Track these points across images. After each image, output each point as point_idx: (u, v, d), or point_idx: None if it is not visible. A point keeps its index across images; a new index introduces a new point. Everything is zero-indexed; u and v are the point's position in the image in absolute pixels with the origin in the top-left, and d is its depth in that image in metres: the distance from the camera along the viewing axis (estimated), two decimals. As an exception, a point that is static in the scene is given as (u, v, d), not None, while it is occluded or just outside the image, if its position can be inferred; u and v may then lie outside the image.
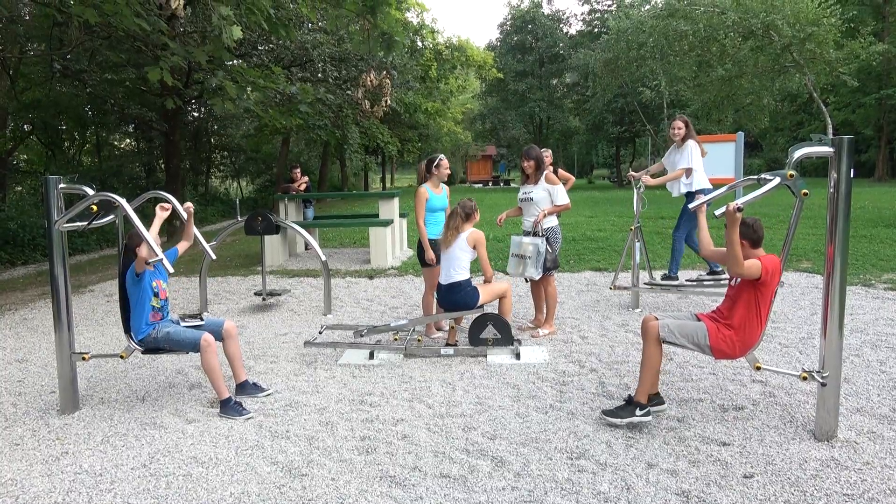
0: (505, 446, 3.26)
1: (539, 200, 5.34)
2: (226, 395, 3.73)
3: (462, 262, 4.79)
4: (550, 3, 62.75)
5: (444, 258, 4.86)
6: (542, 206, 5.33)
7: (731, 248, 3.17)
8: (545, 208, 5.31)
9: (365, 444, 3.32)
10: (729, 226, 3.16)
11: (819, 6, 15.91)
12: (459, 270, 4.79)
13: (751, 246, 3.36)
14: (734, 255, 3.18)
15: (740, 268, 3.20)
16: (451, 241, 4.82)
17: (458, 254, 4.79)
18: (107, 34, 10.87)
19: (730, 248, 3.18)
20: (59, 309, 3.85)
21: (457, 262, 4.79)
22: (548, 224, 5.37)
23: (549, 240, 5.31)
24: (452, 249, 4.80)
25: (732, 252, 3.17)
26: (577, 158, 68.49)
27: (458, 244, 4.80)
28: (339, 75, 12.64)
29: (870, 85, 27.39)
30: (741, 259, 3.19)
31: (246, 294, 7.69)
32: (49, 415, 3.90)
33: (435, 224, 5.36)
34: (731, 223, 3.15)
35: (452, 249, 4.80)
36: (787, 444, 3.25)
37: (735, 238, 3.16)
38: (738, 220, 3.17)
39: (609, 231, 12.49)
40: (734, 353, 3.38)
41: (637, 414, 3.36)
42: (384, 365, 4.70)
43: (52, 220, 3.77)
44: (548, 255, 5.25)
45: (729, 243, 3.18)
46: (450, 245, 4.81)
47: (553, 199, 5.34)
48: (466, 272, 4.82)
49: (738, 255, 3.18)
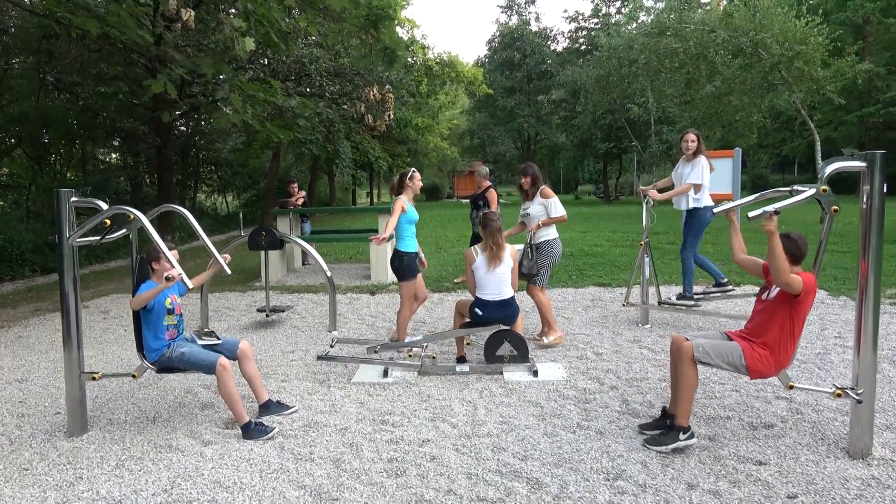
0: (538, 467, 3.17)
1: (535, 215, 5.53)
2: (245, 420, 3.60)
3: (509, 277, 4.82)
4: (538, 20, 63.35)
5: (489, 274, 4.78)
6: (539, 220, 5.51)
7: (774, 258, 3.10)
8: (539, 220, 5.49)
9: (394, 466, 3.22)
10: (768, 234, 3.10)
11: (806, 25, 16.18)
12: (508, 285, 4.82)
13: (791, 262, 3.29)
14: (778, 266, 3.10)
15: (785, 276, 3.12)
16: (500, 256, 4.79)
17: (505, 269, 4.80)
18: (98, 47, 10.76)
19: (772, 258, 3.11)
20: (69, 326, 3.71)
21: (506, 278, 4.81)
22: (543, 237, 5.50)
23: (541, 251, 5.47)
24: (502, 265, 4.78)
25: (775, 262, 3.10)
26: (563, 174, 68.98)
27: (505, 260, 4.80)
28: (336, 90, 12.59)
29: (851, 103, 27.85)
30: (786, 267, 3.12)
31: (246, 310, 7.55)
32: (56, 437, 3.74)
33: (411, 237, 5.27)
34: (771, 231, 3.09)
35: (502, 265, 4.78)
36: (824, 462, 3.20)
37: (778, 247, 3.10)
38: (774, 225, 3.10)
39: (606, 246, 12.50)
40: (770, 373, 3.33)
41: (681, 438, 3.28)
42: (399, 383, 4.59)
43: (64, 235, 3.64)
44: (524, 263, 5.38)
45: (771, 252, 3.12)
46: (501, 261, 4.79)
47: (548, 213, 5.50)
48: (510, 287, 4.85)
49: (781, 264, 3.10)
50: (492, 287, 4.78)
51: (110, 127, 15.49)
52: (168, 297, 3.76)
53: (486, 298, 4.79)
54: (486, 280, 4.79)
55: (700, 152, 6.15)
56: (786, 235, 3.32)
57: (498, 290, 4.78)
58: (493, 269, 4.77)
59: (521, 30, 43.07)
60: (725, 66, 17.24)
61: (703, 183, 6.07)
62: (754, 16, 16.42)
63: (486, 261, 4.81)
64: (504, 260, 4.80)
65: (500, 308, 4.78)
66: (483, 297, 4.81)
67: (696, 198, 6.12)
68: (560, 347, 5.50)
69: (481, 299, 4.82)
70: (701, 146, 6.19)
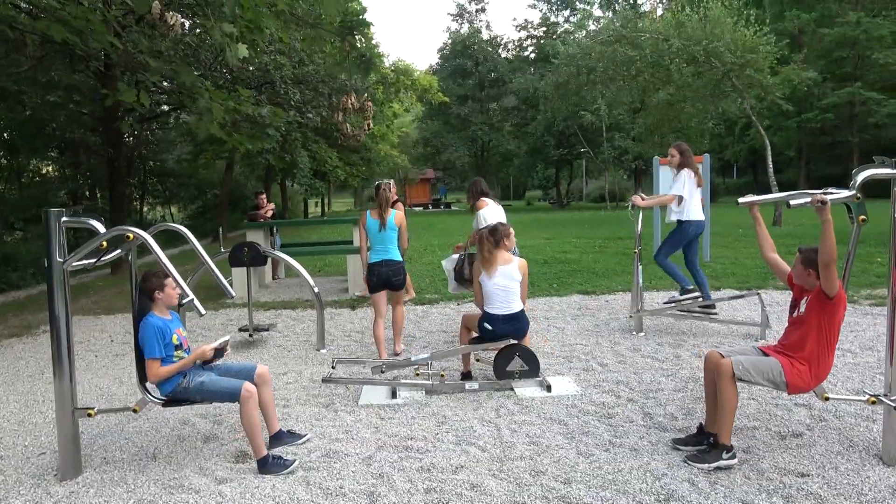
0: (585, 491, 3.04)
1: (475, 227, 5.85)
2: (264, 453, 3.33)
3: (517, 290, 4.64)
4: (489, 28, 63.94)
5: (493, 286, 4.62)
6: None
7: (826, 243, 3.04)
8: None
9: (434, 497, 3.02)
10: (824, 222, 3.05)
11: (755, 34, 16.79)
12: (516, 299, 4.65)
13: (817, 276, 3.27)
14: (829, 249, 3.05)
15: (834, 262, 3.07)
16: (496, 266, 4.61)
17: (509, 283, 4.62)
18: (41, 53, 10.16)
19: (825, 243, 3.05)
20: (61, 356, 3.38)
21: (512, 291, 4.63)
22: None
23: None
24: (503, 278, 4.60)
25: (826, 245, 3.04)
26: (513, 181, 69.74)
27: (507, 272, 4.60)
28: (299, 98, 12.26)
29: (791, 109, 29.15)
30: (834, 249, 3.06)
31: (222, 330, 7.18)
32: (47, 481, 3.39)
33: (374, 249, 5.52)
34: (826, 219, 3.04)
35: (503, 278, 4.60)
36: (863, 471, 3.18)
37: (831, 234, 3.04)
38: (827, 212, 3.04)
39: (576, 253, 12.55)
40: (809, 387, 3.29)
41: (724, 457, 3.21)
42: (410, 404, 4.39)
43: (54, 258, 3.32)
44: (454, 270, 5.86)
45: (824, 238, 3.05)
46: (493, 265, 4.61)
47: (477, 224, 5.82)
48: (520, 300, 4.68)
49: (833, 250, 3.05)
50: (500, 301, 4.63)
51: (59, 138, 14.66)
52: (174, 332, 3.47)
53: (494, 312, 4.64)
54: (493, 294, 4.64)
55: (685, 165, 6.15)
56: (815, 250, 3.29)
57: (506, 303, 4.64)
58: (492, 278, 4.61)
59: (472, 38, 43.33)
60: (679, 73, 17.71)
61: (685, 196, 6.07)
62: (705, 25, 16.94)
63: (482, 267, 4.67)
64: (506, 271, 4.63)
65: (508, 322, 4.64)
66: (491, 311, 4.65)
67: (677, 210, 6.12)
68: (563, 359, 5.40)
69: (490, 313, 4.66)
70: (685, 159, 6.17)
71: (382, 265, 5.43)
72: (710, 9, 17.09)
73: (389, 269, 5.44)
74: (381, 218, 5.47)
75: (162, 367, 3.39)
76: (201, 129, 5.69)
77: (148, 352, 3.37)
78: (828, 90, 30.85)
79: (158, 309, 3.52)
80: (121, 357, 6.06)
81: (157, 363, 3.39)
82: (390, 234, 5.49)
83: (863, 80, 31.04)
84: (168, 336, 3.44)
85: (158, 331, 3.40)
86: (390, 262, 5.45)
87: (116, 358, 6.05)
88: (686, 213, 6.09)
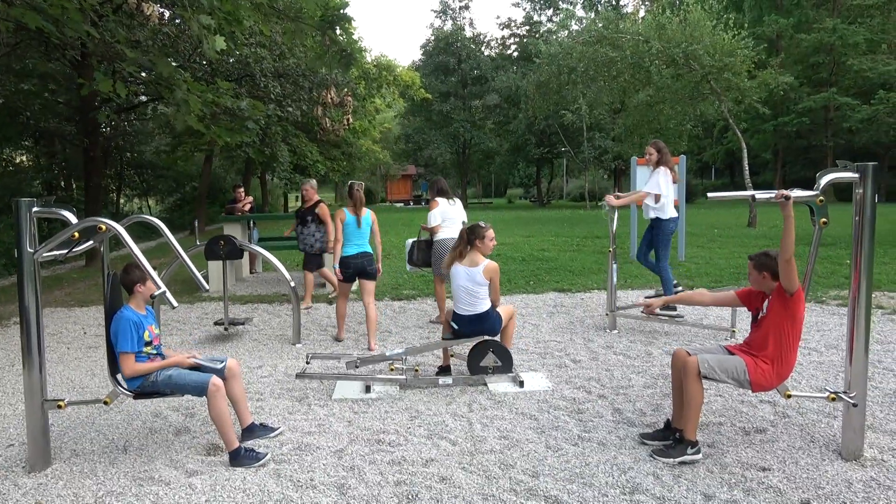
0: (552, 484, 3.09)
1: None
2: (235, 445, 3.34)
3: (479, 291, 4.56)
4: (472, 25, 63.89)
5: (456, 286, 4.63)
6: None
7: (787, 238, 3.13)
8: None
9: (403, 490, 3.06)
10: (784, 215, 3.14)
11: (734, 38, 17.02)
12: (482, 300, 4.58)
13: (772, 278, 3.37)
14: (788, 244, 3.13)
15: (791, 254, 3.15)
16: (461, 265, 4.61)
17: (468, 284, 4.55)
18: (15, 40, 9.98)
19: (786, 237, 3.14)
20: (31, 347, 3.35)
21: (475, 293, 4.56)
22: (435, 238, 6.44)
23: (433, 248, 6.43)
24: (466, 280, 4.56)
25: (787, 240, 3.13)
26: (495, 179, 69.93)
27: (471, 275, 4.55)
28: (279, 92, 12.17)
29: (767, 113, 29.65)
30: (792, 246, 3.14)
31: (198, 323, 7.14)
32: (15, 473, 3.37)
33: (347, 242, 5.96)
34: (786, 210, 3.13)
35: (466, 280, 4.56)
36: (822, 465, 3.28)
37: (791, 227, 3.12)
38: (790, 208, 3.14)
39: (553, 251, 12.65)
40: (771, 385, 3.38)
41: (689, 452, 3.29)
42: (384, 398, 4.42)
43: (25, 248, 3.29)
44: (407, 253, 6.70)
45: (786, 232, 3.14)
46: (459, 271, 4.60)
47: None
48: (487, 300, 4.62)
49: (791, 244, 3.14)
50: (464, 302, 4.61)
51: (33, 127, 14.39)
52: (145, 329, 3.45)
53: (459, 313, 4.66)
54: (457, 294, 4.64)
55: (662, 163, 6.26)
56: (765, 254, 3.41)
57: (471, 305, 4.58)
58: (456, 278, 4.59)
59: (455, 35, 43.30)
60: (658, 75, 17.90)
61: (661, 192, 6.18)
62: (685, 28, 17.13)
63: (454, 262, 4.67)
64: (470, 274, 4.54)
65: (473, 323, 4.61)
66: (457, 311, 4.68)
67: (655, 207, 6.24)
68: (537, 355, 5.47)
69: (456, 313, 4.69)
70: (662, 157, 6.29)
71: (359, 257, 5.92)
72: (689, 12, 17.31)
73: (365, 260, 5.95)
74: (356, 215, 5.93)
75: (139, 364, 3.38)
76: (179, 121, 5.64)
77: (121, 345, 3.35)
78: (804, 95, 31.40)
79: (136, 302, 3.50)
80: (94, 349, 6.01)
81: (132, 357, 3.37)
82: (365, 229, 6.00)
83: (838, 85, 31.66)
84: (141, 331, 3.42)
85: (133, 325, 3.39)
86: (366, 255, 5.98)
87: (89, 350, 6.00)
88: (664, 210, 6.21)
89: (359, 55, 23.67)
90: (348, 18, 7.62)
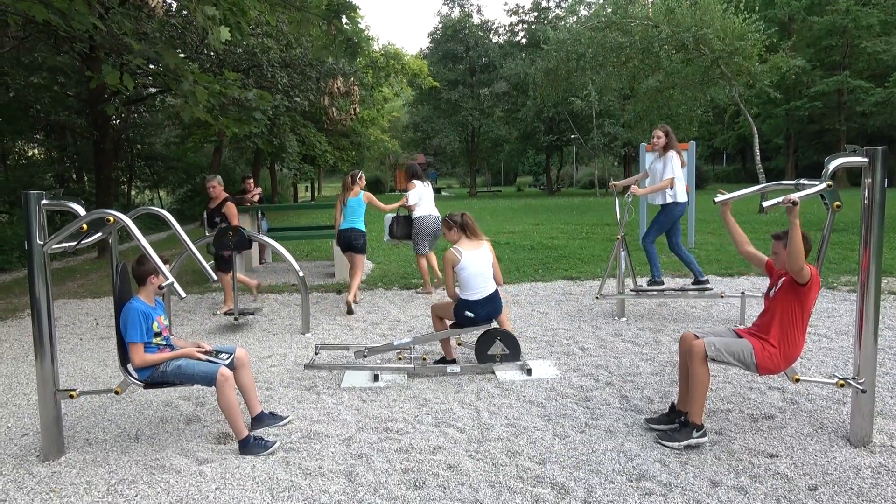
0: (559, 471, 3.11)
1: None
2: (245, 434, 3.38)
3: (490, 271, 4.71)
4: (480, 12, 63.42)
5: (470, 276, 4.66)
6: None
7: (794, 244, 3.12)
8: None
9: (411, 477, 3.08)
10: (791, 222, 3.13)
11: (744, 21, 16.81)
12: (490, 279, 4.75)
13: None
14: (796, 251, 3.12)
15: (801, 261, 3.14)
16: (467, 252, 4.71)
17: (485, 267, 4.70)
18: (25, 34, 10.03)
19: (792, 244, 3.13)
20: (42, 338, 3.39)
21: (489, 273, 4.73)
22: (413, 214, 7.64)
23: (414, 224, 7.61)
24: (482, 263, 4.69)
25: (794, 247, 3.12)
26: (504, 166, 69.74)
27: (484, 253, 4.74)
28: (286, 82, 12.18)
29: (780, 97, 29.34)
30: (803, 254, 3.14)
31: (207, 313, 7.20)
32: (30, 462, 3.42)
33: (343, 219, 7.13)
34: (793, 217, 3.12)
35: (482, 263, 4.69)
36: (830, 451, 3.27)
37: (798, 235, 3.12)
38: (796, 213, 3.13)
39: (562, 239, 12.63)
40: (779, 369, 3.37)
41: (694, 436, 3.29)
42: (392, 387, 4.45)
43: (34, 240, 3.32)
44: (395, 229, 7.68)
45: (792, 239, 3.13)
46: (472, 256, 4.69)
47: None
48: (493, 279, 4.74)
49: (800, 251, 3.13)
50: (478, 286, 4.63)
51: (44, 120, 14.48)
52: (154, 320, 3.48)
53: (474, 298, 4.65)
54: (471, 280, 4.64)
55: (670, 147, 6.22)
56: (785, 231, 3.38)
57: (483, 285, 4.64)
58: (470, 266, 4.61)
59: (463, 22, 43.04)
60: (668, 60, 17.73)
61: (676, 177, 6.16)
62: (695, 12, 16.93)
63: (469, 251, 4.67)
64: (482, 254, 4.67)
65: (488, 304, 4.66)
66: (471, 297, 4.66)
67: (671, 193, 6.20)
68: (545, 343, 5.47)
69: (469, 300, 4.66)
70: (671, 141, 6.26)
71: (348, 231, 7.05)
72: (699, -4, 17.11)
73: (352, 235, 7.04)
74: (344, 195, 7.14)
75: (148, 355, 3.42)
76: (186, 112, 5.66)
77: (130, 335, 3.39)
78: (816, 78, 31.02)
79: (146, 293, 3.53)
80: (106, 340, 6.08)
81: (141, 347, 3.41)
82: (356, 209, 7.07)
83: (851, 68, 31.22)
84: (150, 322, 3.46)
85: (143, 315, 3.42)
86: (355, 230, 7.05)
87: (101, 341, 6.07)
88: (674, 194, 6.18)
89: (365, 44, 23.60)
90: (354, 7, 7.59)
